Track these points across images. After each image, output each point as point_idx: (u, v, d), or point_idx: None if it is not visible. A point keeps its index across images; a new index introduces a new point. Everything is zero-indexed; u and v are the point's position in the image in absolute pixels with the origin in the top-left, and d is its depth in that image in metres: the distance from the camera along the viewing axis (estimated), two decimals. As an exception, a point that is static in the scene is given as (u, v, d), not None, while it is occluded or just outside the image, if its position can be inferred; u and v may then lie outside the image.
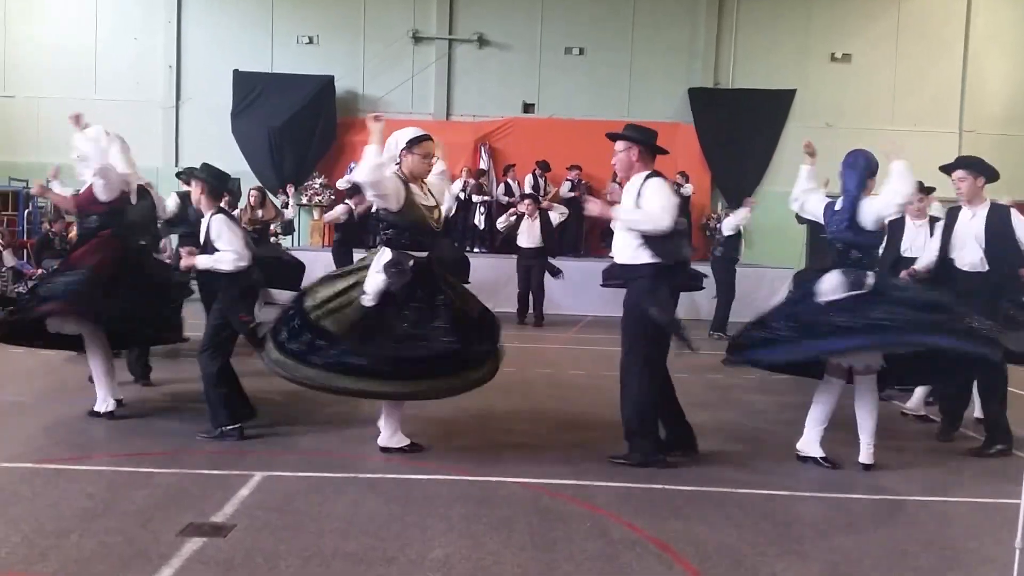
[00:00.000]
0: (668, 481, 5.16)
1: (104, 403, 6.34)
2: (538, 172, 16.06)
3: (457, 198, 13.91)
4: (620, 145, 5.67)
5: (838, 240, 5.66)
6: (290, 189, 13.83)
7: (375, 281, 5.29)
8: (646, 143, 5.63)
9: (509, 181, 16.16)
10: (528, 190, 15.42)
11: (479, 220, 15.80)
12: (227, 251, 5.76)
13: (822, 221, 5.85)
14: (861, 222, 5.57)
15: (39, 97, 17.29)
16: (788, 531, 4.41)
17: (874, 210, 5.57)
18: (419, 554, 3.90)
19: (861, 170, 5.63)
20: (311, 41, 17.71)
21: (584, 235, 16.36)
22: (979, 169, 6.35)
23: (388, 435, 5.65)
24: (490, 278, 14.13)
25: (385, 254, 5.37)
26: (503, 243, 14.60)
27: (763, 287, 12.74)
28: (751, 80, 17.67)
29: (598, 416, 6.77)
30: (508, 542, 4.09)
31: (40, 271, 13.17)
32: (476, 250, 15.42)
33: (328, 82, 17.14)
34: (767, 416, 7.20)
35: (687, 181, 15.81)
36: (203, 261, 5.83)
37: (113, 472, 5.00)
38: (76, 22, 17.53)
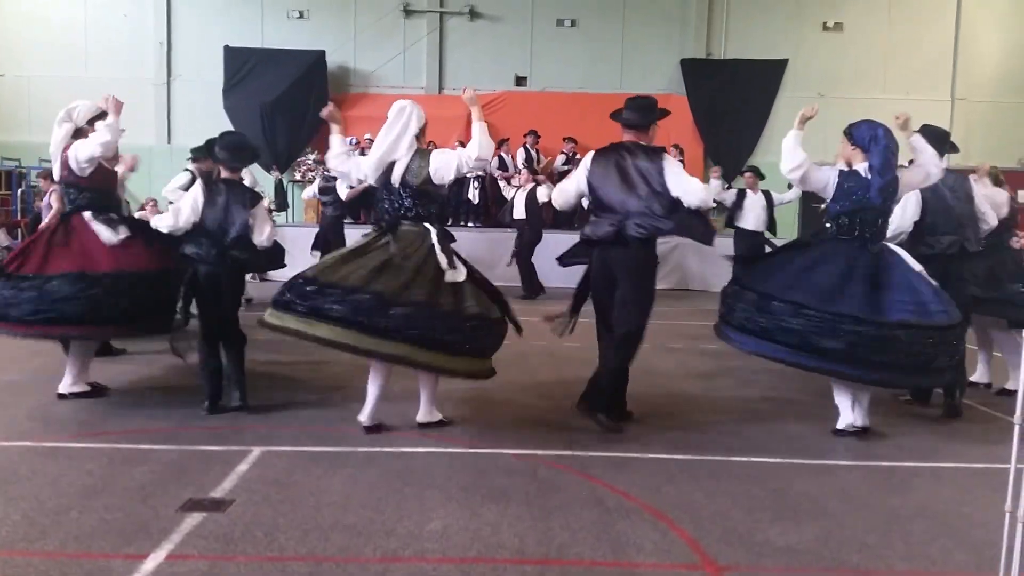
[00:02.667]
0: (663, 450, 5.22)
1: (74, 385, 6.25)
2: (529, 143, 16.01)
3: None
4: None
5: (863, 209, 5.54)
6: (275, 173, 13.69)
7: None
8: (661, 117, 5.99)
9: (503, 155, 16.08)
10: (521, 163, 15.40)
11: (473, 195, 15.74)
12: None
13: (824, 193, 5.71)
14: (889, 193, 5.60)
15: (29, 76, 17.16)
16: (782, 498, 4.46)
17: (909, 183, 5.74)
18: (417, 526, 3.94)
19: (892, 146, 5.56)
20: (301, 15, 17.58)
21: (577, 209, 16.31)
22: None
23: (426, 411, 5.65)
24: (485, 253, 14.11)
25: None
26: (503, 216, 14.55)
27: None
28: (743, 50, 17.58)
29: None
30: (505, 512, 4.14)
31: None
32: (471, 224, 15.41)
33: (319, 57, 17.02)
34: (760, 385, 7.24)
35: (681, 154, 15.72)
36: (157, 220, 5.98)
37: (112, 449, 5.03)
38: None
